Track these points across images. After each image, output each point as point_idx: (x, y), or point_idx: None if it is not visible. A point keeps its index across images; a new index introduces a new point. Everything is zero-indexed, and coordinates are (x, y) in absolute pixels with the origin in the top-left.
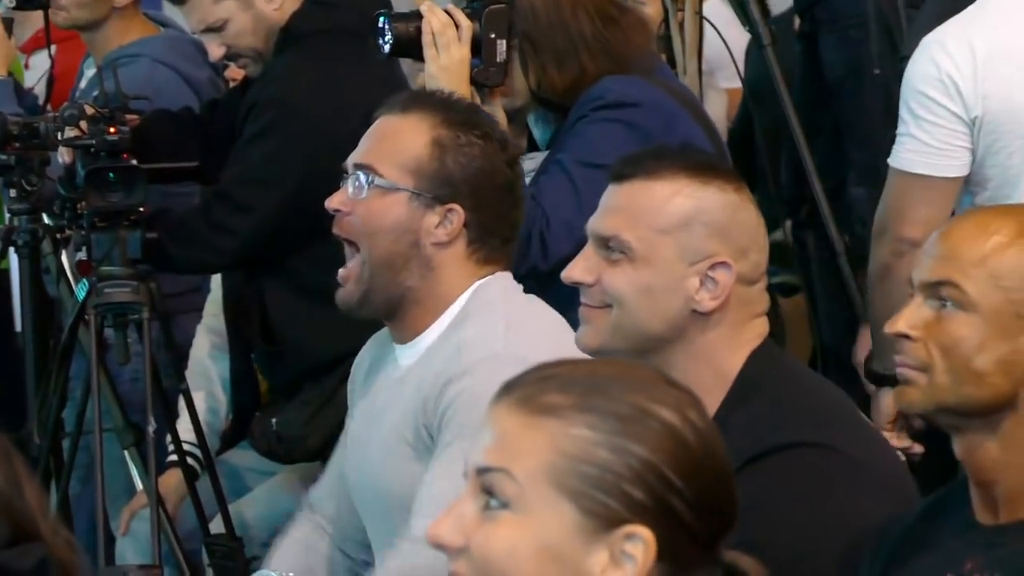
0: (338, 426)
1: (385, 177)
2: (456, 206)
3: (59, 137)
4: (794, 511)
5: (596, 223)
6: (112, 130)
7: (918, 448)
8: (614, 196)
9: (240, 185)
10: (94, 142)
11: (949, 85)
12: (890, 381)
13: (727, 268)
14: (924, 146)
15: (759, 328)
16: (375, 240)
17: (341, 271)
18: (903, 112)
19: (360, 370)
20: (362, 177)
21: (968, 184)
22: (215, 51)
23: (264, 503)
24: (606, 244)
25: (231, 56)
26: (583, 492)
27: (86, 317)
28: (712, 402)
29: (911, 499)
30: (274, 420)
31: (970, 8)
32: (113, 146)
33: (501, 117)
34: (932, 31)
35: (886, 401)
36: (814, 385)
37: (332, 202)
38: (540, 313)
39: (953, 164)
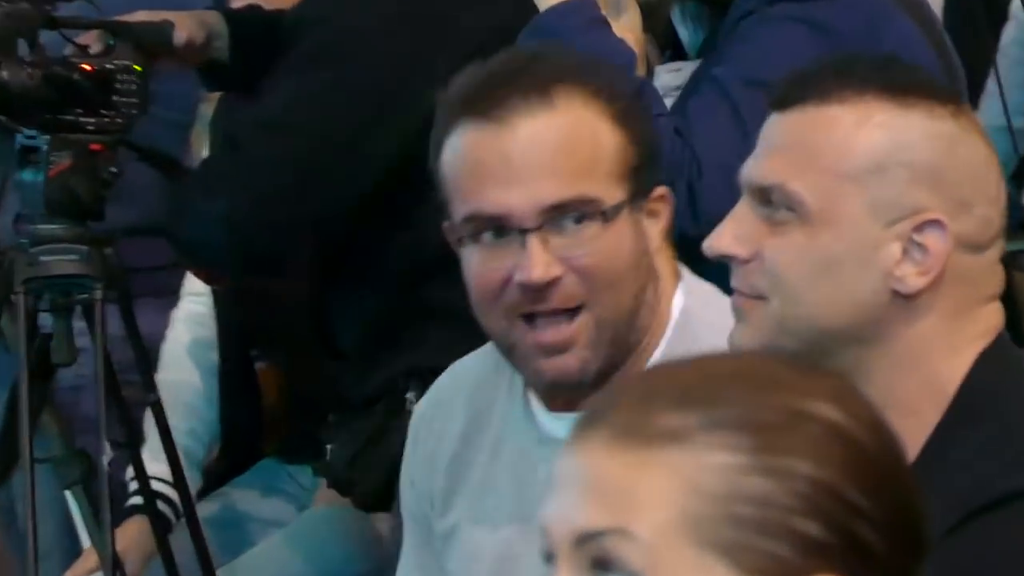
0: (391, 470)
1: (603, 201)
2: (662, 188)
3: None
4: None
5: (752, 169)
6: None
7: None
8: (776, 130)
9: (257, 129)
10: None
11: None
12: None
13: (940, 229)
14: None
15: (990, 319)
16: (619, 290)
17: (558, 336)
18: None
19: (449, 441)
20: (568, 217)
21: None
22: None
23: (268, 566)
24: (767, 198)
25: None
26: (739, 543)
27: (13, 297)
28: (923, 425)
29: None
30: (329, 447)
31: None
32: None
33: (634, 15)
34: None
35: None
36: None
37: (535, 273)
38: None
39: None
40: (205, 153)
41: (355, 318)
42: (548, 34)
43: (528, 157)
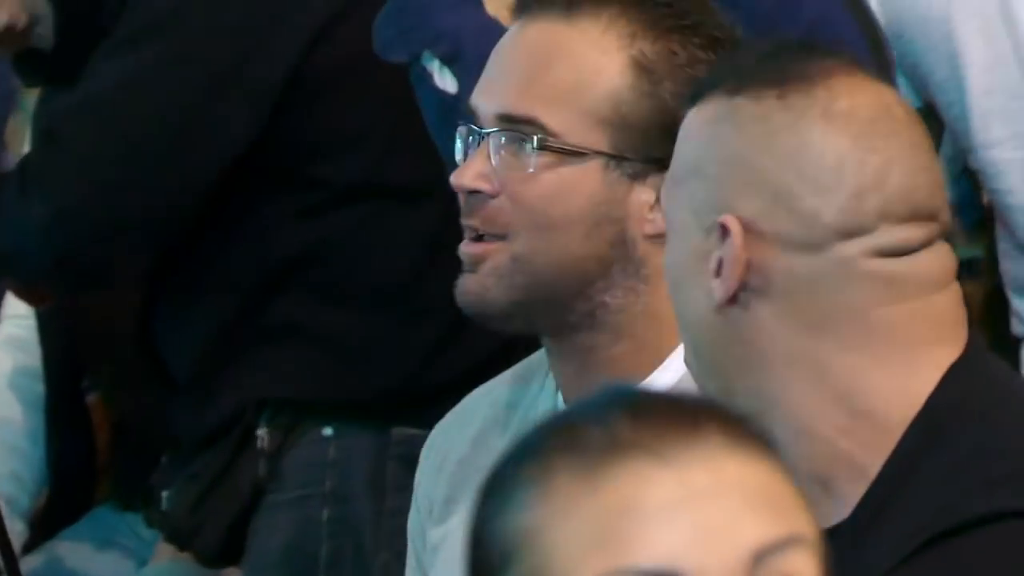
0: (239, 517)
1: (560, 134)
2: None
3: None
4: None
5: None
6: None
7: None
8: None
9: (77, 117)
10: None
11: None
12: None
13: (728, 231)
14: None
15: (929, 332)
16: (551, 237)
17: (470, 249)
18: None
19: (461, 445)
20: (516, 136)
21: None
22: None
23: None
24: None
25: None
26: None
27: None
28: (883, 448)
29: None
30: (164, 494)
31: None
32: None
33: None
34: None
35: None
36: None
37: (464, 178)
38: None
39: None
40: (25, 151)
41: (190, 338)
42: (411, 11)
43: (508, 59)
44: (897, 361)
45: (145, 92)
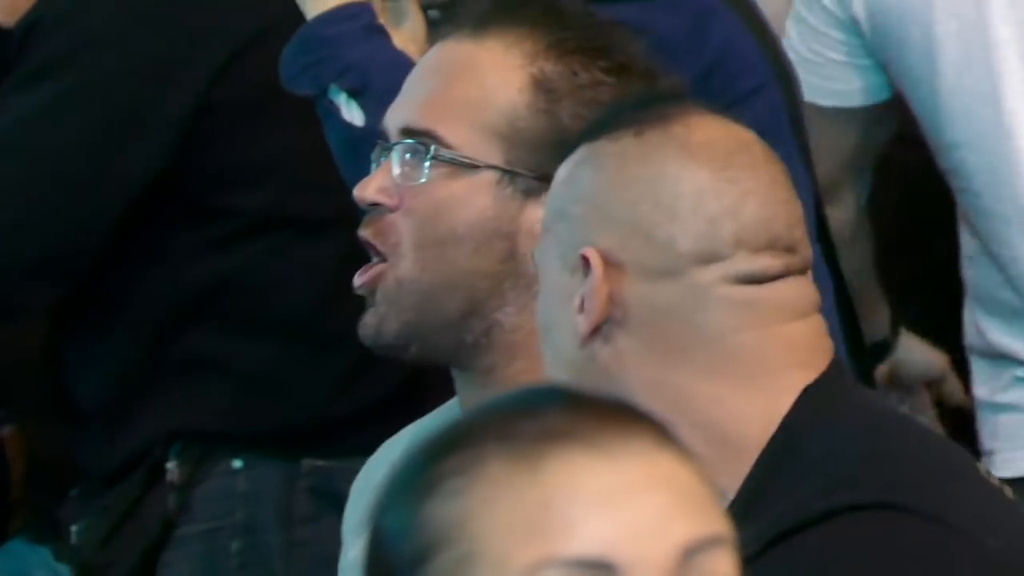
0: (149, 551)
1: (456, 147)
2: None
3: None
4: None
5: None
6: None
7: None
8: None
9: None
10: None
11: None
12: None
13: (586, 264)
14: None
15: (780, 356)
16: (439, 252)
17: (359, 280)
18: None
19: (373, 480)
20: (416, 149)
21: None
22: None
23: None
24: None
25: None
26: None
27: None
28: (734, 472)
29: None
30: (74, 528)
31: None
32: None
33: (418, 23)
34: None
35: None
36: (893, 423)
37: (366, 190)
38: None
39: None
40: None
41: (98, 371)
42: (318, 44)
43: (417, 78)
44: (753, 386)
45: (48, 130)
